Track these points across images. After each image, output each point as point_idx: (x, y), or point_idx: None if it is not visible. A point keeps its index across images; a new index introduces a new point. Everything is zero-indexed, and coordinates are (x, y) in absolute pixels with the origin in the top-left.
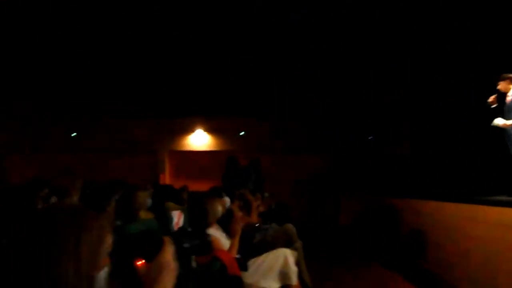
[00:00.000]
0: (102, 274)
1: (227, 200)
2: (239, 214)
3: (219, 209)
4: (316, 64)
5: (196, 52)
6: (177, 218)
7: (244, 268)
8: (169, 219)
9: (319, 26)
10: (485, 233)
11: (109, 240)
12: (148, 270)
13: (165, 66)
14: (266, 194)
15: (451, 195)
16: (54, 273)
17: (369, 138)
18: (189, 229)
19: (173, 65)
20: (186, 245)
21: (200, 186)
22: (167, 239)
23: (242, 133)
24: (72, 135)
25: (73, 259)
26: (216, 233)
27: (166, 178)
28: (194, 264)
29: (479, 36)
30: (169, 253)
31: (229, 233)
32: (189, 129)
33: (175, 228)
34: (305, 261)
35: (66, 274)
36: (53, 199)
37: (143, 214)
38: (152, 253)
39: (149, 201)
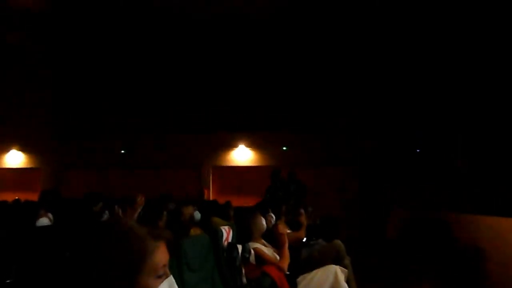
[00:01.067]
0: None
1: (272, 216)
2: (282, 228)
3: (263, 223)
4: (359, 76)
5: (238, 68)
6: (227, 234)
7: (294, 285)
8: (220, 234)
9: (361, 39)
10: None
11: (159, 259)
12: None
13: (207, 82)
14: (310, 209)
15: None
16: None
17: (417, 150)
18: (238, 245)
19: (215, 81)
20: None
21: (243, 202)
22: None
23: (285, 148)
24: (122, 151)
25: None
26: (263, 248)
27: (211, 193)
28: (244, 279)
29: None
30: None
31: (276, 246)
32: (232, 145)
33: (225, 243)
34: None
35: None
36: (106, 214)
37: (192, 230)
38: None
39: (198, 216)
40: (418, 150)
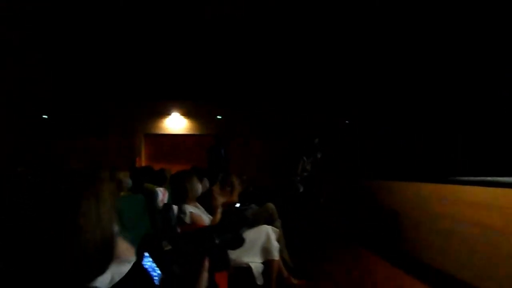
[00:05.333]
0: None
1: (206, 181)
2: (218, 191)
3: (198, 186)
4: (294, 50)
5: (173, 37)
6: (162, 195)
7: None
8: (155, 195)
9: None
10: (458, 213)
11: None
12: None
13: (142, 49)
14: (244, 177)
15: (424, 176)
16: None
17: (346, 122)
18: (173, 205)
19: (150, 47)
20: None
21: (176, 170)
22: None
23: (219, 117)
24: (43, 116)
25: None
26: (197, 210)
27: (142, 161)
28: None
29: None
30: None
31: (210, 210)
32: (165, 112)
33: (160, 204)
34: (285, 240)
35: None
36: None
37: (123, 194)
38: None
39: (129, 182)
40: (347, 122)
